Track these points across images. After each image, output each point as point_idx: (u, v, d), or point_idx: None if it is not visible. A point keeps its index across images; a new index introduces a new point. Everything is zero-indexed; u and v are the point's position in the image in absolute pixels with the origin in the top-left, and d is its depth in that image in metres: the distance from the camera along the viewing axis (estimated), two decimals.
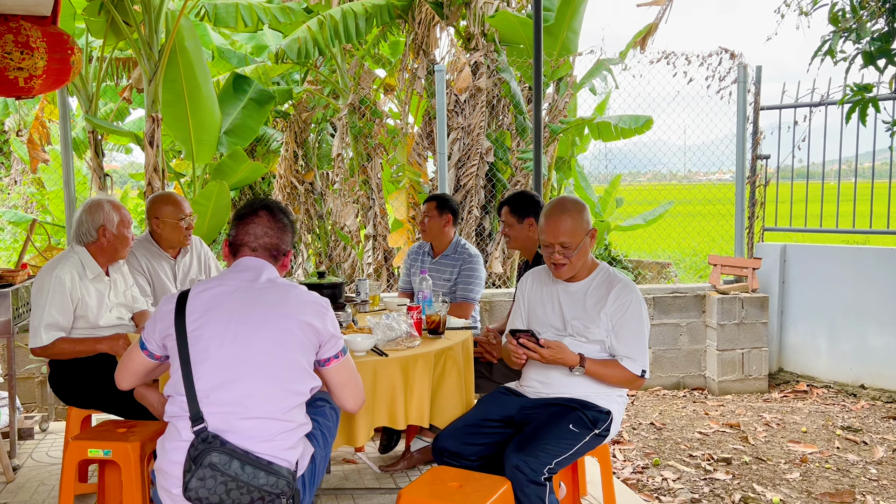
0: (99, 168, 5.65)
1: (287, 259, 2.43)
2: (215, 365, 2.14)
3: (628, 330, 2.79)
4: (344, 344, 2.37)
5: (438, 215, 4.19)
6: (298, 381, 2.21)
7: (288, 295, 2.24)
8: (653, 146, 9.03)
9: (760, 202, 6.40)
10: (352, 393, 2.41)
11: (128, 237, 3.34)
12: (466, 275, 4.17)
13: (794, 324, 6.13)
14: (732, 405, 5.60)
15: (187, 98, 5.33)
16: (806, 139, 6.22)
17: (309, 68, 8.03)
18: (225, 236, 2.45)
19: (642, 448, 4.71)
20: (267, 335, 2.16)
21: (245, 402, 2.12)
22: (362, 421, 2.70)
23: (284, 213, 2.41)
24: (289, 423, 2.18)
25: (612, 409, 2.83)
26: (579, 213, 2.82)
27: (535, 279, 3.06)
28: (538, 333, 2.78)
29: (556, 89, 7.63)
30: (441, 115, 5.91)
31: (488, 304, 5.73)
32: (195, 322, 2.17)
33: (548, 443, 2.59)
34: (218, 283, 2.25)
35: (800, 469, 4.32)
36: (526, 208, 3.69)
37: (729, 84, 6.43)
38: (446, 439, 2.79)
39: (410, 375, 2.77)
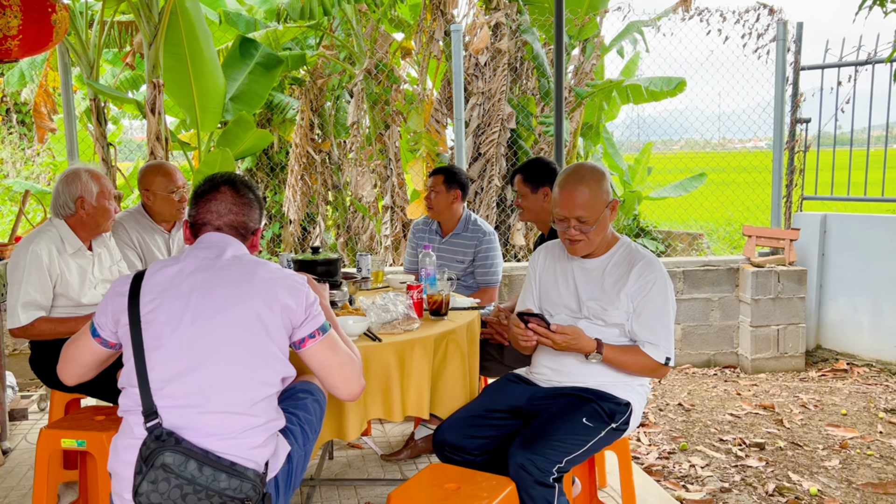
0: (102, 137, 5.44)
1: (256, 238, 2.17)
2: (170, 352, 1.89)
3: (651, 312, 2.49)
4: (324, 320, 2.09)
5: (446, 190, 3.87)
6: (267, 369, 1.95)
7: (254, 272, 1.98)
8: (685, 111, 8.59)
9: (799, 169, 6.01)
10: (339, 377, 2.09)
11: (109, 209, 3.11)
12: (484, 257, 3.87)
13: (834, 298, 5.77)
14: (766, 385, 5.29)
15: (190, 63, 5.07)
16: (850, 101, 5.79)
17: (324, 33, 7.72)
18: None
19: (669, 431, 4.44)
20: (230, 318, 1.91)
21: (204, 395, 1.87)
22: (353, 412, 2.44)
23: (249, 189, 2.17)
24: (256, 419, 1.91)
25: (632, 400, 2.54)
26: (598, 183, 2.50)
27: (548, 254, 2.76)
28: (549, 316, 2.50)
29: (583, 51, 7.23)
30: (458, 78, 5.58)
31: (507, 278, 5.46)
32: (149, 304, 1.93)
33: (558, 438, 2.31)
34: (177, 262, 2.01)
35: (839, 456, 4.02)
36: (540, 177, 3.36)
37: (767, 42, 6.00)
38: (447, 431, 2.53)
39: (407, 362, 2.50)
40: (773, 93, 5.88)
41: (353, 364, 2.14)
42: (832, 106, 5.89)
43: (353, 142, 7.88)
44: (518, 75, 7.32)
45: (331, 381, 2.10)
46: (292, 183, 8.43)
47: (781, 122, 5.86)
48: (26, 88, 9.90)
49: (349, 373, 2.12)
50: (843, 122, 5.86)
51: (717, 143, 10.51)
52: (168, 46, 5.04)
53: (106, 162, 5.55)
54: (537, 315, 2.46)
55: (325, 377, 2.10)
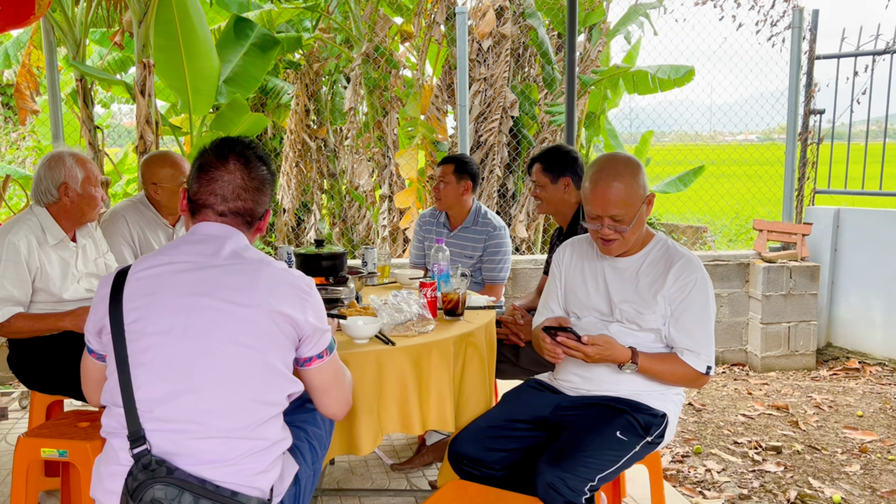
0: (88, 120, 5.17)
1: (264, 222, 1.89)
2: (161, 369, 1.64)
3: (691, 317, 2.27)
4: (332, 340, 1.87)
5: (456, 181, 3.64)
6: (271, 388, 1.71)
7: (257, 275, 1.71)
8: (686, 101, 8.40)
9: (812, 162, 5.82)
10: (334, 398, 1.89)
11: (95, 196, 2.86)
12: (492, 252, 3.65)
13: (846, 295, 5.61)
14: (777, 384, 5.12)
15: (182, 42, 4.81)
16: (867, 92, 5.60)
17: (321, 15, 7.46)
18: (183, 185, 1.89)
19: (681, 433, 4.26)
20: (229, 329, 1.65)
21: (200, 418, 1.63)
22: (367, 426, 2.21)
23: (263, 162, 1.84)
24: (259, 442, 1.68)
25: (668, 411, 2.33)
26: (633, 177, 2.26)
27: (575, 251, 2.54)
28: (576, 318, 2.28)
29: (588, 37, 7.00)
30: (462, 63, 5.35)
31: (512, 271, 5.25)
32: (134, 312, 1.66)
33: (590, 454, 2.10)
34: (166, 259, 1.73)
35: (859, 461, 3.85)
36: (561, 165, 3.13)
37: (782, 30, 5.80)
38: (465, 443, 2.30)
39: (425, 368, 2.27)
40: (788, 82, 5.68)
41: (349, 385, 1.96)
42: (847, 97, 5.71)
43: (350, 128, 7.65)
44: (521, 62, 7.10)
45: (325, 400, 1.89)
46: (287, 170, 8.19)
47: (795, 113, 5.67)
48: (9, 70, 9.58)
49: (345, 395, 1.93)
50: (859, 114, 5.67)
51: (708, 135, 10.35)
52: (159, 25, 4.77)
53: (93, 146, 5.28)
54: (567, 329, 2.23)
55: (319, 396, 1.88)
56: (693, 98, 7.00)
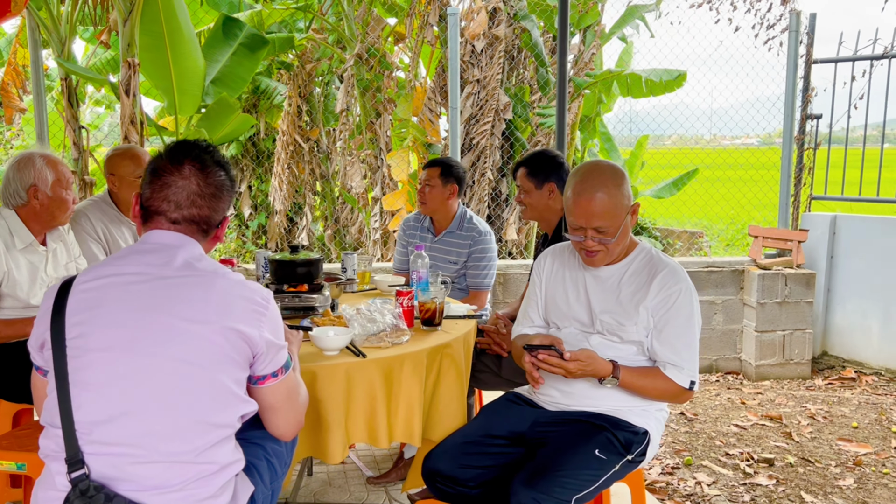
0: (73, 119, 5.09)
1: (222, 230, 1.78)
2: (101, 389, 1.53)
3: (674, 329, 2.18)
4: (288, 357, 1.76)
5: (442, 185, 3.54)
6: (222, 410, 1.60)
7: (210, 288, 1.60)
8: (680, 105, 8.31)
9: (808, 167, 5.74)
10: (284, 418, 1.78)
11: (66, 200, 2.77)
12: (477, 258, 3.56)
13: (842, 303, 5.52)
14: (772, 393, 5.04)
15: (168, 42, 4.73)
16: (864, 96, 5.52)
17: (314, 15, 7.37)
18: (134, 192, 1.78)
19: (672, 444, 4.17)
20: (177, 347, 1.55)
21: (143, 442, 1.53)
22: (335, 437, 2.12)
23: (222, 167, 1.74)
24: (207, 466, 1.57)
25: (650, 428, 2.24)
26: (617, 187, 2.16)
27: (556, 259, 2.44)
28: (556, 330, 2.20)
29: (583, 39, 6.91)
30: (454, 65, 5.26)
31: (502, 276, 5.17)
32: (77, 326, 1.56)
33: (567, 474, 2.00)
34: (113, 270, 1.62)
35: (853, 474, 3.77)
36: (546, 171, 3.05)
37: (778, 33, 5.71)
38: (439, 459, 2.21)
39: (395, 381, 2.18)
40: (784, 87, 5.59)
41: (302, 406, 1.85)
42: (844, 102, 5.62)
43: (343, 130, 7.56)
44: (515, 64, 7.01)
45: (274, 420, 1.78)
46: (278, 172, 8.11)
47: (792, 117, 5.58)
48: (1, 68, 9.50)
49: (297, 415, 1.82)
50: (856, 118, 5.59)
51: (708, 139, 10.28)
52: (144, 24, 4.69)
53: (77, 146, 5.20)
54: (548, 347, 2.13)
55: (269, 415, 1.77)
56: (693, 102, 6.95)
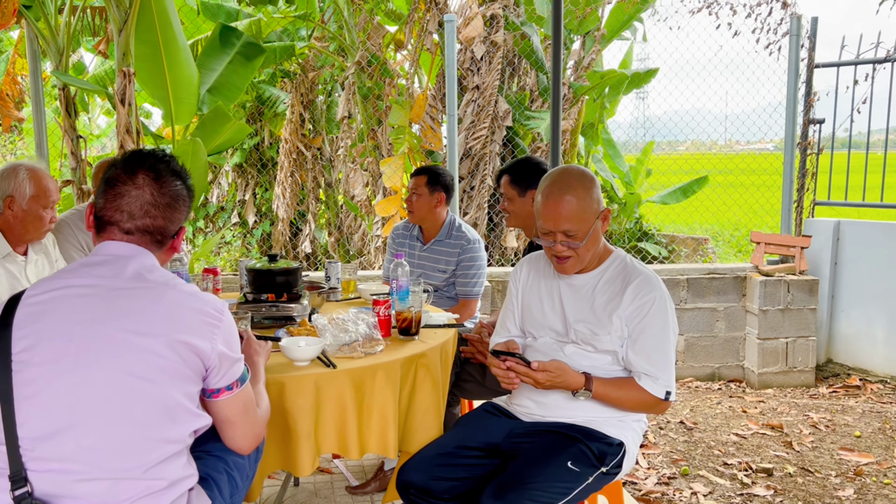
0: (71, 129, 5.11)
1: (178, 240, 1.74)
2: (45, 404, 1.50)
3: (649, 339, 2.14)
4: (244, 370, 1.72)
5: (429, 193, 3.52)
6: (172, 425, 1.56)
7: (159, 300, 1.57)
8: (692, 111, 8.26)
9: (811, 173, 5.66)
10: (241, 432, 1.74)
11: (42, 217, 2.74)
12: (466, 265, 3.53)
13: (847, 310, 5.43)
14: (774, 401, 4.96)
15: (163, 51, 4.74)
16: (867, 101, 5.44)
17: (315, 24, 7.39)
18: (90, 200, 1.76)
19: (669, 453, 4.11)
20: (123, 360, 1.52)
21: (86, 458, 1.50)
22: (305, 449, 2.09)
23: (178, 177, 1.72)
24: (155, 483, 1.54)
25: (626, 439, 2.19)
26: (586, 191, 2.16)
27: (532, 268, 2.42)
28: (532, 339, 2.16)
29: (583, 45, 6.88)
30: (451, 71, 5.25)
31: (500, 283, 5.14)
32: (22, 340, 1.52)
33: (538, 486, 1.97)
34: (62, 283, 1.59)
35: (854, 484, 3.69)
36: (529, 178, 3.01)
37: (779, 38, 5.65)
38: (413, 471, 2.17)
39: (367, 392, 2.15)
40: (785, 92, 5.53)
41: (262, 420, 1.81)
42: (846, 106, 5.55)
43: (344, 137, 7.56)
44: (516, 71, 6.99)
45: (231, 433, 1.74)
46: (282, 180, 8.13)
47: (794, 122, 5.51)
48: None
49: (255, 429, 1.78)
50: (859, 123, 5.51)
51: (723, 144, 10.20)
52: (139, 34, 4.71)
53: (75, 155, 5.23)
54: (514, 354, 2.11)
55: (225, 429, 1.73)
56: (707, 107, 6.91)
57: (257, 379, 1.91)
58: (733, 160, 10.22)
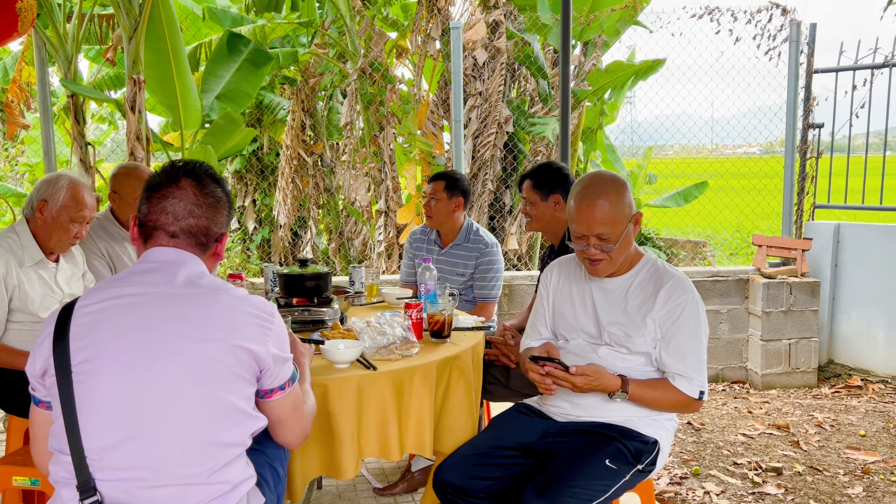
0: (80, 136, 5.13)
1: (221, 245, 1.77)
2: (110, 413, 1.51)
3: (682, 340, 2.20)
4: (294, 370, 1.76)
5: (447, 198, 3.58)
6: (233, 428, 1.59)
7: (213, 305, 1.59)
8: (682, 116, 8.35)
9: (811, 176, 5.75)
10: (291, 429, 1.78)
11: (68, 228, 2.74)
12: (484, 269, 3.58)
13: (847, 311, 5.52)
14: (778, 402, 5.03)
15: (172, 59, 4.76)
16: (865, 105, 5.54)
17: (316, 30, 7.43)
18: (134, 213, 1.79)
19: (680, 453, 4.17)
20: (182, 366, 1.53)
21: (153, 465, 1.51)
22: (348, 452, 2.13)
23: (217, 183, 1.75)
24: (221, 486, 1.56)
25: (660, 437, 2.25)
26: (619, 195, 2.20)
27: (563, 272, 2.47)
28: (564, 342, 2.21)
29: (584, 52, 6.96)
30: (457, 78, 5.31)
31: (507, 287, 5.18)
32: (81, 351, 1.53)
33: (577, 483, 2.02)
34: (114, 292, 1.60)
35: (862, 482, 3.76)
36: (552, 183, 3.07)
37: (779, 44, 5.74)
38: (449, 471, 2.22)
39: (406, 393, 2.19)
40: (785, 96, 5.62)
41: (309, 417, 1.86)
42: (846, 111, 5.64)
43: (347, 144, 7.59)
44: (517, 77, 7.06)
45: (282, 431, 1.79)
46: (283, 186, 8.14)
47: (794, 126, 5.60)
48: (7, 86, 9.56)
49: (303, 425, 1.83)
50: (858, 127, 5.61)
51: (711, 148, 10.30)
52: (149, 41, 4.73)
53: (84, 163, 5.24)
54: (552, 360, 2.16)
55: (276, 427, 1.77)
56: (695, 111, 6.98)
57: (304, 378, 1.95)
58: (724, 164, 10.33)
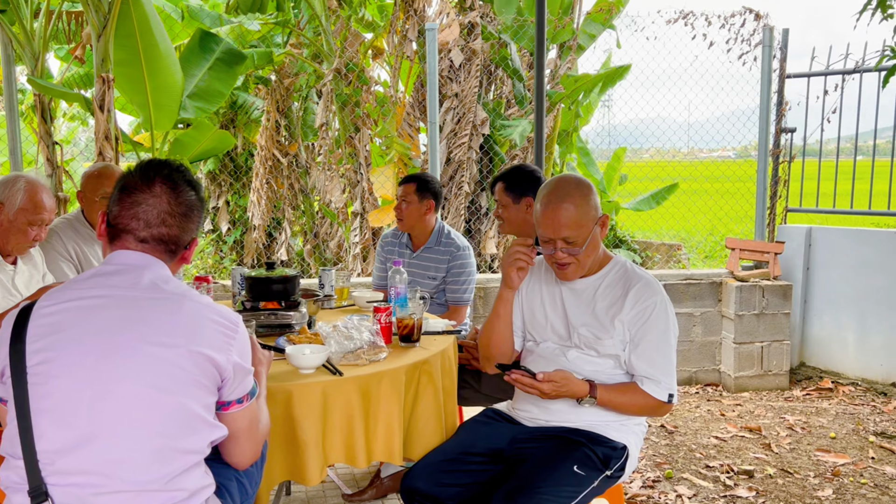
0: (47, 135, 5.03)
1: (190, 252, 1.72)
2: (65, 417, 1.47)
3: (651, 343, 2.19)
4: (254, 384, 1.72)
5: (418, 200, 3.53)
6: (191, 435, 1.55)
7: (177, 310, 1.56)
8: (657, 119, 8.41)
9: (784, 180, 5.80)
10: (242, 448, 1.72)
11: (27, 232, 2.67)
12: (456, 272, 3.55)
13: (819, 314, 5.57)
14: (751, 404, 5.06)
15: (143, 57, 4.68)
16: (836, 110, 5.60)
17: (291, 30, 7.37)
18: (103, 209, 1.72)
19: (653, 456, 4.17)
20: (141, 372, 1.49)
21: (107, 471, 1.47)
22: (312, 458, 2.08)
23: (192, 187, 1.69)
24: (177, 493, 1.52)
25: (629, 443, 2.24)
26: (584, 198, 2.19)
27: (533, 275, 2.44)
28: (535, 344, 2.19)
29: (559, 54, 6.96)
30: (432, 80, 5.27)
31: (482, 290, 5.16)
32: (38, 353, 1.49)
33: (545, 491, 2.00)
34: (75, 294, 1.56)
35: (832, 484, 3.78)
36: (524, 185, 3.05)
37: (752, 48, 5.79)
38: (418, 477, 2.19)
39: (373, 400, 2.16)
40: (758, 101, 5.66)
41: (262, 437, 1.80)
42: (818, 115, 5.70)
43: (322, 145, 7.54)
44: (493, 79, 7.05)
45: (232, 448, 1.72)
46: (257, 187, 8.07)
47: (767, 131, 5.64)
48: None
49: (255, 447, 1.77)
50: (830, 132, 5.66)
51: (686, 151, 10.38)
52: (119, 39, 4.64)
53: (51, 162, 5.14)
54: (519, 367, 2.15)
55: (228, 443, 1.71)
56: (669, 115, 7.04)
57: (259, 392, 1.90)
58: (697, 167, 10.42)
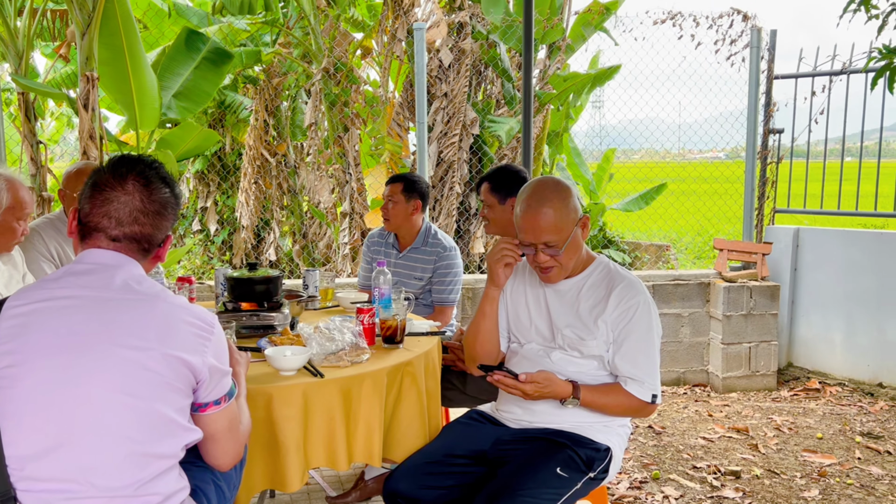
0: (31, 134, 4.98)
1: (164, 249, 1.68)
2: (34, 421, 1.44)
3: (634, 343, 2.18)
4: (232, 384, 1.69)
5: (405, 200, 3.51)
6: (165, 439, 1.52)
7: (150, 311, 1.52)
8: (645, 120, 8.42)
9: (772, 181, 5.81)
10: (223, 449, 1.69)
11: (14, 228, 2.64)
12: (443, 273, 3.53)
13: (806, 315, 5.58)
14: (738, 405, 5.06)
15: (128, 55, 4.64)
16: (824, 111, 5.61)
17: (280, 29, 7.34)
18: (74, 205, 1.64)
19: (640, 457, 4.17)
20: (113, 376, 1.46)
21: (79, 477, 1.44)
22: (293, 463, 2.06)
23: (166, 184, 1.65)
24: (150, 498, 1.50)
25: (612, 444, 2.23)
26: (563, 201, 2.18)
27: (517, 276, 2.43)
28: (518, 346, 2.18)
29: (548, 54, 6.95)
30: (420, 79, 5.25)
31: (470, 291, 5.15)
32: (6, 356, 1.46)
33: (528, 493, 1.98)
34: (46, 294, 1.51)
35: (818, 485, 3.79)
36: (509, 186, 3.03)
37: (740, 49, 5.79)
38: (400, 480, 2.17)
39: (354, 401, 2.13)
40: (746, 102, 5.67)
41: (243, 437, 1.77)
42: (805, 116, 5.71)
43: (311, 144, 7.51)
44: (483, 79, 7.04)
45: (212, 450, 1.69)
46: (245, 187, 8.03)
47: (755, 132, 5.65)
48: None
49: (236, 446, 1.73)
50: (817, 133, 5.67)
51: (676, 152, 10.40)
52: (103, 37, 4.59)
53: (35, 161, 5.09)
54: (501, 368, 2.13)
55: (208, 445, 1.68)
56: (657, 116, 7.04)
57: (239, 392, 1.88)
58: (686, 168, 10.45)
